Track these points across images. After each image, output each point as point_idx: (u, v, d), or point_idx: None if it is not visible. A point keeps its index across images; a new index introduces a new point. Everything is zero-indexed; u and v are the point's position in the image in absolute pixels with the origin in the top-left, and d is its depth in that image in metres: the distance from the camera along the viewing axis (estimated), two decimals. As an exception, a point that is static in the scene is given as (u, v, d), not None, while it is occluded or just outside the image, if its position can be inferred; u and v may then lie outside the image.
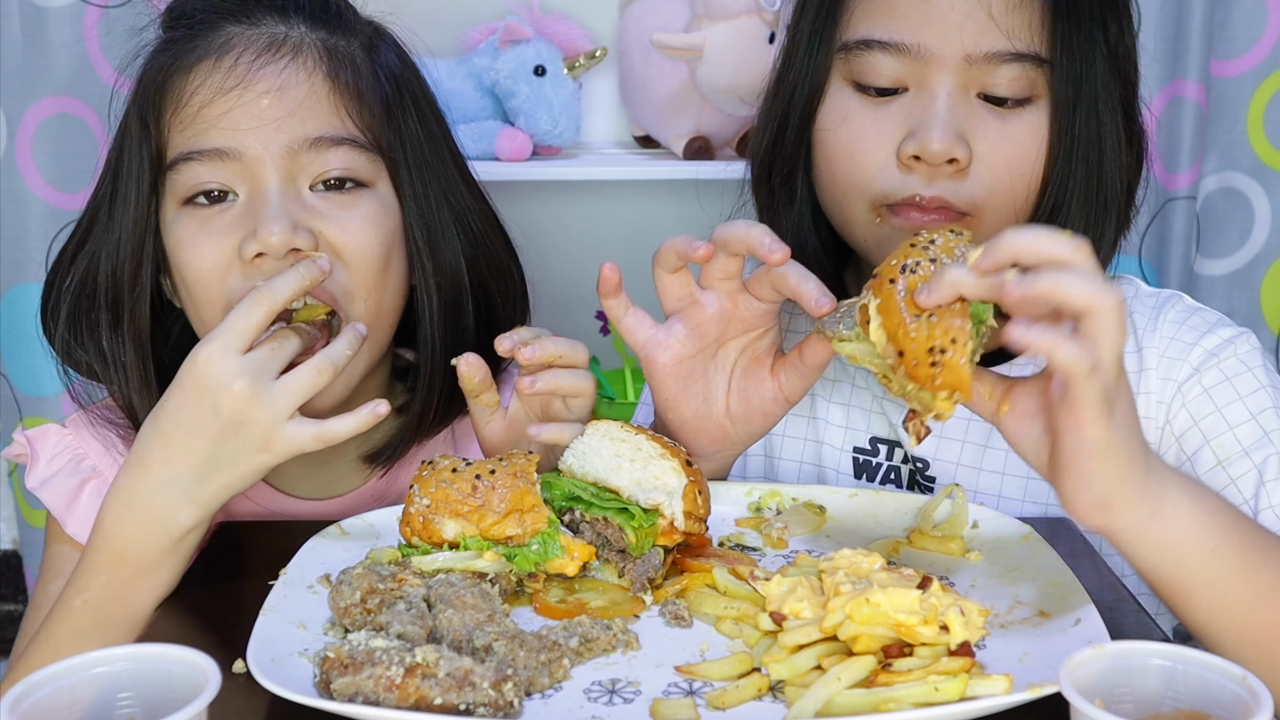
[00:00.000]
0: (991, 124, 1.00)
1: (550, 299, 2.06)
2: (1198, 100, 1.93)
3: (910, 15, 0.99)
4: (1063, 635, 0.79)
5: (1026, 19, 0.98)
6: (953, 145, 0.98)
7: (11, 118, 1.87)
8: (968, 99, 1.00)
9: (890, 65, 1.01)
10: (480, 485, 0.88)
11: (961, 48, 0.98)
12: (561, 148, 1.84)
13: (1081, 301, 0.72)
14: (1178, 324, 1.08)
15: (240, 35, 1.02)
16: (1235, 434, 1.02)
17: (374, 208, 1.05)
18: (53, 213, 1.89)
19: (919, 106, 1.00)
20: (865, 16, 1.02)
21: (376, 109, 1.05)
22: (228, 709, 0.71)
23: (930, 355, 0.78)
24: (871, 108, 1.02)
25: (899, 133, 1.01)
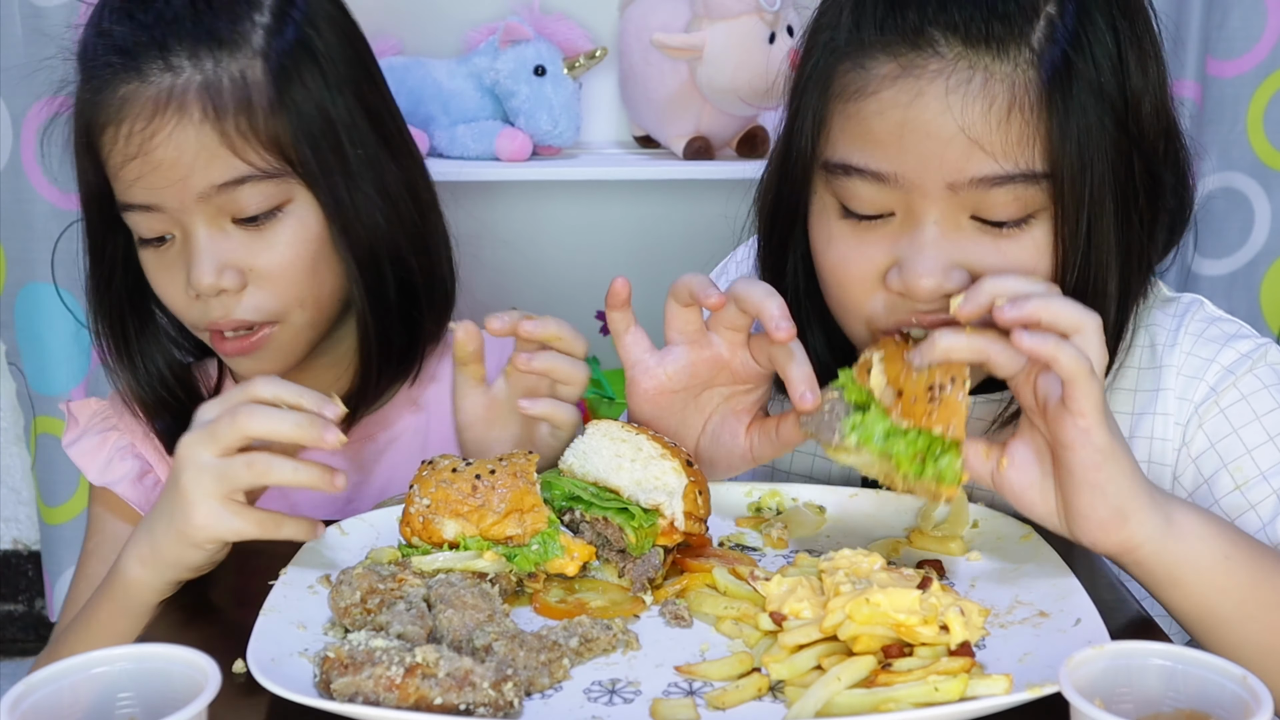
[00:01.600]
0: (989, 248, 0.91)
1: (550, 298, 2.06)
2: (1196, 100, 1.93)
3: (886, 141, 0.89)
4: (1063, 635, 0.79)
5: (1016, 134, 0.87)
6: (942, 280, 0.90)
7: (16, 118, 1.87)
8: (958, 224, 0.91)
9: (872, 192, 0.91)
10: (480, 485, 0.88)
11: (943, 176, 0.88)
12: (561, 148, 1.84)
13: (1070, 320, 0.77)
14: (1196, 337, 1.03)
15: (132, 96, 1.04)
16: (1253, 457, 0.98)
17: (292, 228, 1.09)
18: (57, 213, 1.89)
19: (905, 236, 0.91)
20: (843, 137, 0.92)
21: (273, 128, 1.06)
22: (228, 709, 0.71)
23: (929, 392, 0.81)
24: (857, 233, 0.94)
25: (886, 260, 0.93)
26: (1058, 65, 0.88)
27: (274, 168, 1.06)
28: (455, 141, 1.82)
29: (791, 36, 1.75)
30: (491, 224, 2.05)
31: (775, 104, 1.76)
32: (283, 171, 1.07)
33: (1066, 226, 0.90)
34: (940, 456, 0.82)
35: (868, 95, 0.90)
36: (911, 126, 0.88)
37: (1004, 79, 0.87)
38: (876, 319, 0.95)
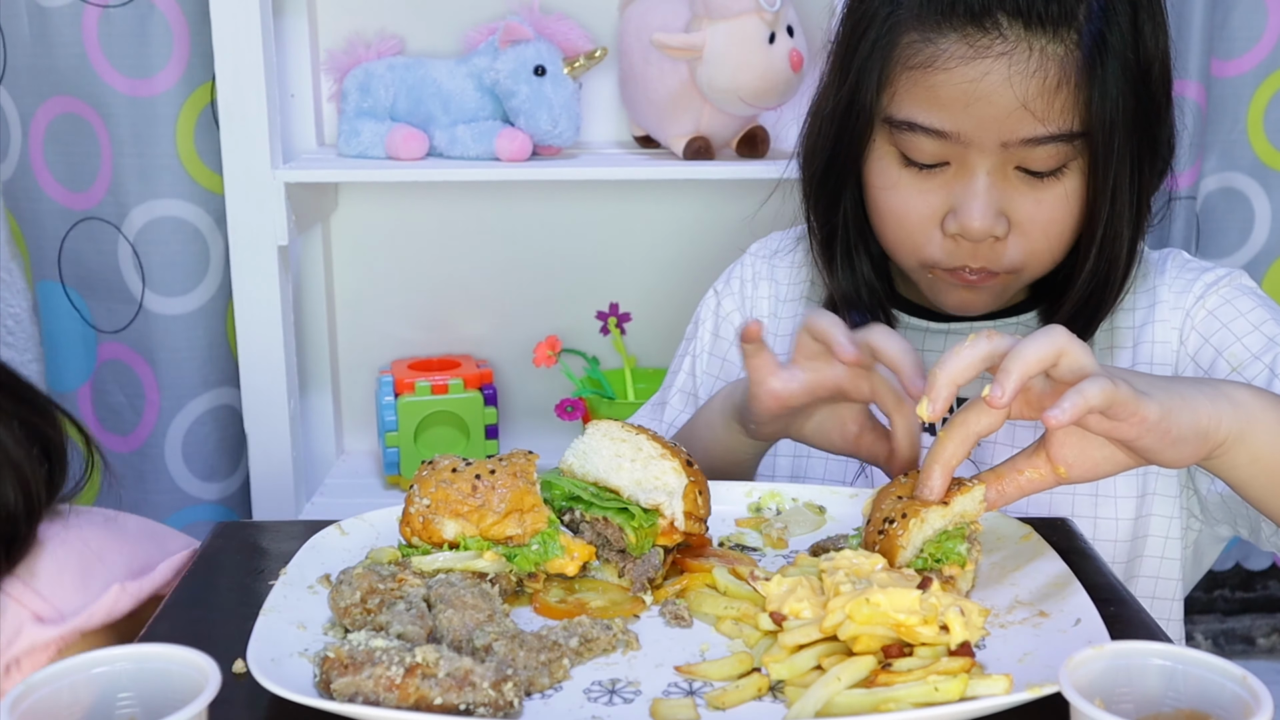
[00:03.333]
0: (1028, 195, 1.05)
1: (550, 298, 2.07)
2: (1198, 100, 1.93)
3: (951, 106, 1.02)
4: (1063, 635, 0.79)
5: (1061, 101, 1.01)
6: (992, 224, 1.04)
7: (24, 118, 1.88)
8: (1005, 174, 1.05)
9: (932, 145, 1.04)
10: (480, 485, 0.88)
11: (999, 136, 1.02)
12: (561, 148, 1.84)
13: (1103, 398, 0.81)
14: (1180, 267, 1.19)
15: None
16: (1243, 343, 1.11)
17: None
18: (64, 212, 1.90)
19: (960, 184, 1.05)
20: (909, 98, 1.05)
21: None
22: (228, 709, 0.71)
23: (882, 525, 0.87)
24: (917, 179, 1.07)
25: (943, 206, 1.06)
26: (1096, 41, 1.01)
27: None
28: (455, 141, 1.82)
29: (791, 37, 1.75)
30: (491, 224, 2.05)
31: (776, 104, 1.77)
32: None
33: (1096, 178, 1.04)
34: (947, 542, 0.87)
35: (938, 68, 1.02)
36: (976, 96, 1.01)
37: (1055, 58, 1.01)
38: (935, 260, 1.09)
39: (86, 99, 1.83)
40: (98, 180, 1.86)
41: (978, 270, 1.08)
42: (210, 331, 1.91)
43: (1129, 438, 0.84)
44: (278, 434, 1.82)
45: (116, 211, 1.86)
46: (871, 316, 1.19)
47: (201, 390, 1.92)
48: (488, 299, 2.08)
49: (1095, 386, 0.80)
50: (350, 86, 1.87)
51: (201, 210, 1.86)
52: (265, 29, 1.70)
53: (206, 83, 1.81)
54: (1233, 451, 0.88)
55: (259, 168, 1.73)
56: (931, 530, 0.86)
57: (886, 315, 1.20)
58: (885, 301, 1.20)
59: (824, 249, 1.19)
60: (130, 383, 1.93)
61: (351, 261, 2.06)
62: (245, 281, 1.77)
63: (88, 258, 1.90)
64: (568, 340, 2.00)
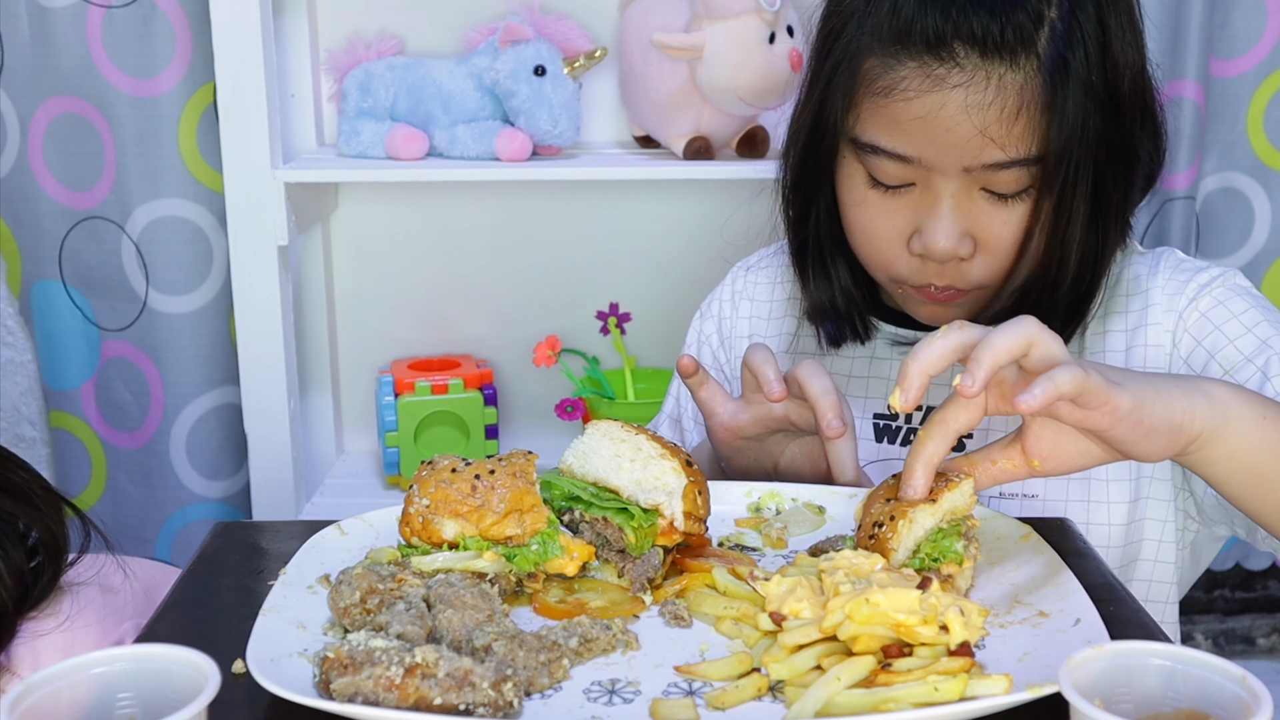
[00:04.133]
0: (993, 215, 1.05)
1: (551, 299, 2.07)
2: (1197, 100, 1.93)
3: (911, 132, 1.02)
4: (1063, 635, 0.79)
5: (1020, 129, 1.01)
6: (956, 245, 1.05)
7: (24, 118, 1.88)
8: (970, 195, 1.05)
9: (896, 169, 1.05)
10: (480, 485, 0.88)
11: (961, 161, 1.02)
12: (561, 148, 1.84)
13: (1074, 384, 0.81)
14: (1173, 268, 1.17)
15: None
16: (1236, 345, 1.10)
17: None
18: (64, 212, 1.90)
19: (925, 205, 1.06)
20: (872, 121, 1.05)
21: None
22: (228, 709, 0.71)
23: (872, 529, 0.87)
24: (884, 199, 1.08)
25: (909, 226, 1.07)
26: (1058, 65, 1.00)
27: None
28: (455, 141, 1.82)
29: (791, 37, 1.75)
30: (491, 224, 2.05)
31: (776, 104, 1.77)
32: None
33: (1046, 200, 1.04)
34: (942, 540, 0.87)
35: (895, 95, 1.02)
36: (934, 125, 1.01)
37: (1014, 85, 1.00)
38: (903, 277, 1.10)
39: (90, 99, 1.83)
40: (101, 180, 1.87)
41: (944, 289, 1.09)
42: (213, 330, 1.91)
43: (1101, 428, 0.84)
44: (278, 434, 1.82)
45: (120, 211, 1.86)
46: (849, 325, 1.20)
47: (205, 389, 1.92)
48: (488, 299, 2.08)
49: (1066, 374, 0.80)
50: (350, 86, 1.87)
51: (205, 210, 1.87)
52: (265, 29, 1.70)
53: (209, 83, 1.81)
54: (1208, 447, 0.88)
55: (259, 168, 1.73)
56: (922, 530, 0.86)
57: (864, 324, 1.20)
58: (864, 310, 1.20)
59: (798, 258, 1.20)
60: (135, 380, 1.93)
61: (351, 261, 2.06)
62: (245, 281, 1.77)
63: (90, 257, 1.90)
64: (568, 340, 2.00)
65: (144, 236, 1.87)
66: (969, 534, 0.88)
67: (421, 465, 0.91)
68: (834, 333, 1.20)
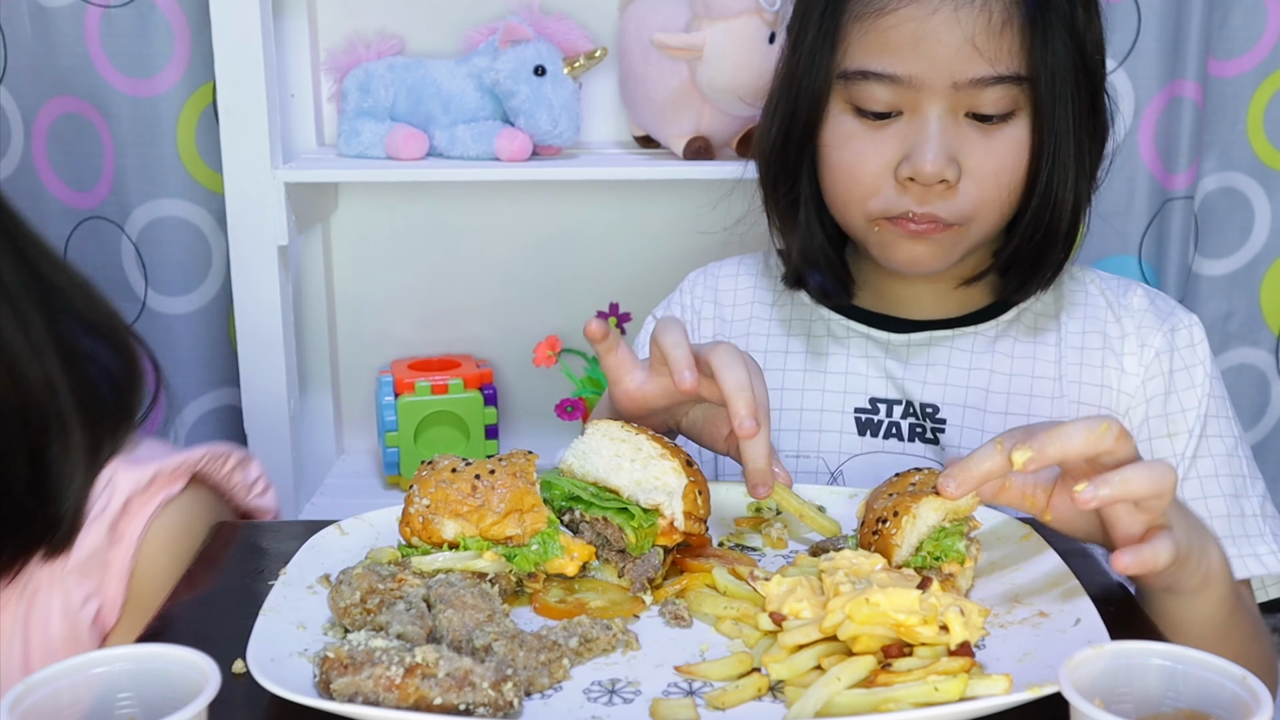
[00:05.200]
0: (979, 141, 1.09)
1: (550, 298, 2.06)
2: (1196, 100, 1.92)
3: (902, 49, 1.06)
4: (1063, 635, 0.79)
5: (1008, 43, 1.06)
6: (944, 167, 1.07)
7: (27, 117, 1.88)
8: (956, 120, 1.08)
9: (885, 93, 1.08)
10: (480, 485, 0.88)
11: (950, 76, 1.06)
12: (561, 148, 1.84)
13: (1148, 490, 0.81)
14: (1149, 299, 1.22)
15: None
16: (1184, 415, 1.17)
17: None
18: (67, 211, 1.90)
19: (913, 130, 1.08)
20: (860, 48, 1.09)
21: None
22: (228, 709, 0.71)
23: (875, 525, 0.87)
24: (870, 131, 1.10)
25: (895, 155, 1.09)
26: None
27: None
28: (455, 141, 1.82)
29: (791, 36, 1.75)
30: (491, 224, 2.05)
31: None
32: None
33: (1042, 122, 1.08)
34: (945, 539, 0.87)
35: (886, 13, 1.07)
36: (925, 36, 1.06)
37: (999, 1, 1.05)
38: (884, 209, 1.11)
39: (88, 99, 1.83)
40: (100, 180, 1.87)
41: (923, 217, 1.09)
42: (213, 331, 1.91)
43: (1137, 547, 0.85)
44: (278, 434, 1.82)
45: (119, 211, 1.86)
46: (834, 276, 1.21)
47: (205, 390, 1.92)
48: (488, 299, 2.08)
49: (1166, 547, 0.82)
50: (350, 86, 1.87)
51: (204, 210, 1.87)
52: (265, 29, 1.70)
53: (208, 83, 1.80)
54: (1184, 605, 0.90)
55: (259, 168, 1.73)
56: (925, 526, 0.86)
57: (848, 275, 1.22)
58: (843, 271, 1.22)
59: (784, 221, 1.21)
60: (135, 381, 1.93)
61: (351, 261, 2.06)
62: (245, 282, 1.77)
63: (91, 257, 1.90)
64: (568, 340, 2.00)
65: (143, 237, 1.86)
66: (970, 534, 0.88)
67: (421, 465, 0.91)
68: (820, 284, 1.21)
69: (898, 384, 1.21)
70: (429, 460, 0.91)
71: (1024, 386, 1.19)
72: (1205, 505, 1.14)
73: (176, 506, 1.04)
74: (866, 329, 1.23)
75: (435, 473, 0.89)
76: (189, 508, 1.05)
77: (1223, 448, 1.17)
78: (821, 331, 1.25)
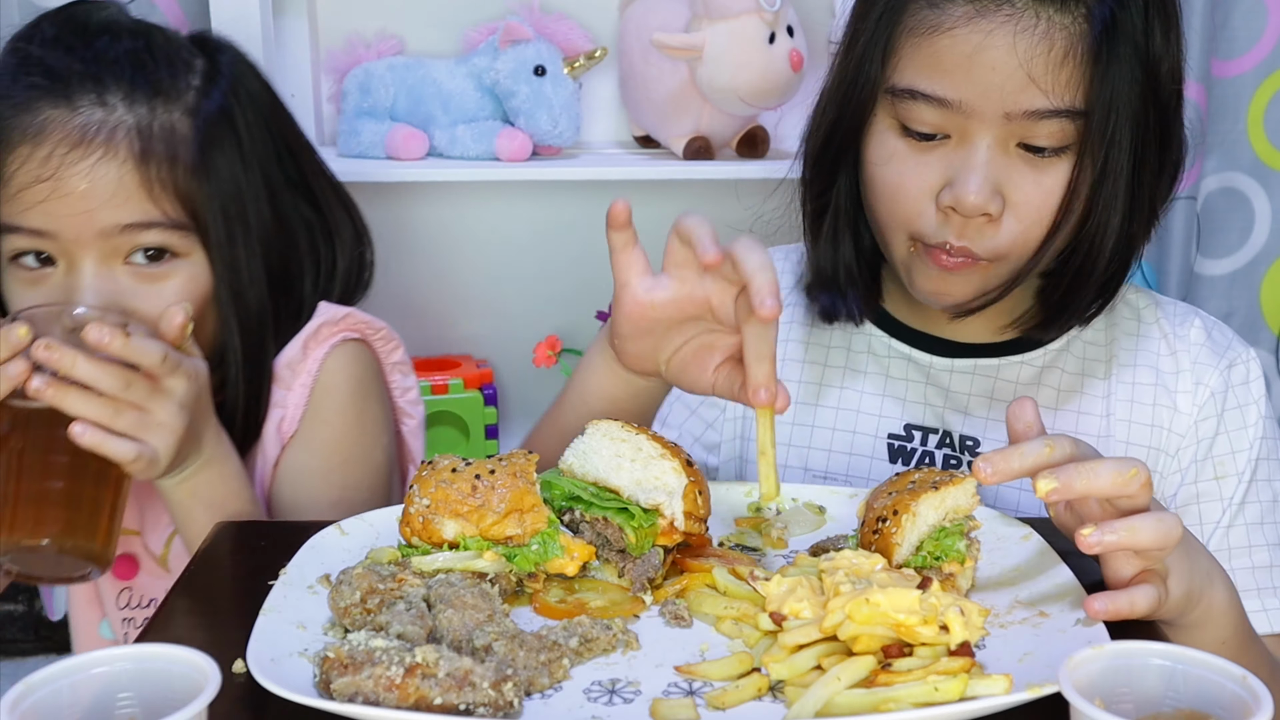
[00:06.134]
0: (1028, 175, 1.03)
1: (551, 299, 2.06)
2: (1198, 100, 1.92)
3: (954, 71, 1.01)
4: (1063, 635, 0.79)
5: (1067, 75, 1.00)
6: (988, 200, 1.02)
7: None
8: (1006, 150, 1.03)
9: (934, 115, 1.03)
10: (480, 485, 0.88)
11: (1002, 106, 1.00)
12: (561, 148, 1.84)
13: (1152, 543, 0.80)
14: (1206, 331, 1.18)
15: (56, 120, 1.06)
16: (1234, 458, 1.14)
17: (184, 280, 1.10)
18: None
19: (959, 156, 1.03)
20: (911, 65, 1.04)
21: (190, 185, 1.09)
22: (228, 709, 0.71)
23: (876, 524, 0.87)
24: (915, 152, 1.05)
25: (939, 180, 1.04)
26: (1107, 21, 1.00)
27: (182, 221, 1.08)
28: (455, 141, 1.82)
29: (791, 37, 1.75)
30: (491, 224, 2.05)
31: (776, 104, 1.77)
32: (187, 226, 1.09)
33: (1089, 159, 1.02)
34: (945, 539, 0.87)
35: (942, 31, 1.02)
36: (980, 60, 1.00)
37: (1063, 29, 1.00)
38: (922, 234, 1.06)
39: None
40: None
41: (958, 251, 1.04)
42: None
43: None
44: (278, 434, 1.82)
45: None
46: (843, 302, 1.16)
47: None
48: (488, 299, 2.08)
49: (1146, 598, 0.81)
50: (350, 86, 1.87)
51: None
52: (265, 29, 1.70)
53: (207, 83, 1.80)
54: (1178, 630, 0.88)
55: (259, 168, 1.72)
56: (926, 525, 0.86)
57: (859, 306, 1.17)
58: (862, 293, 1.17)
59: (813, 226, 1.17)
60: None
61: (352, 261, 2.05)
62: (245, 281, 1.77)
63: None
64: (568, 340, 2.00)
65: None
66: (971, 535, 0.88)
67: (422, 465, 0.91)
68: (829, 306, 1.17)
69: (937, 412, 1.17)
70: (429, 460, 0.91)
71: (1070, 424, 1.15)
72: (1249, 555, 1.11)
73: (355, 346, 1.22)
74: (908, 350, 1.19)
75: (435, 473, 0.89)
76: (362, 351, 1.23)
77: (1270, 493, 1.13)
78: (862, 347, 1.21)
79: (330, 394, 1.19)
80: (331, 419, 1.19)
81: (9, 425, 0.95)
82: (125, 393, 0.96)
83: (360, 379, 1.22)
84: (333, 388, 1.19)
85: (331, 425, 1.19)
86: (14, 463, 0.95)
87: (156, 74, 1.09)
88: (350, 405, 1.21)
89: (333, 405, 1.19)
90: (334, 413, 1.19)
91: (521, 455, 0.91)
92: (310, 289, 1.22)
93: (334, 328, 1.20)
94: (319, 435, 1.19)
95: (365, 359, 1.24)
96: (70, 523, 0.94)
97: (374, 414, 1.23)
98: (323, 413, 1.18)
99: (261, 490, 1.18)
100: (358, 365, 1.22)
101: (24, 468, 0.95)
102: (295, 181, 1.20)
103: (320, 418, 1.19)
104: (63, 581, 1.00)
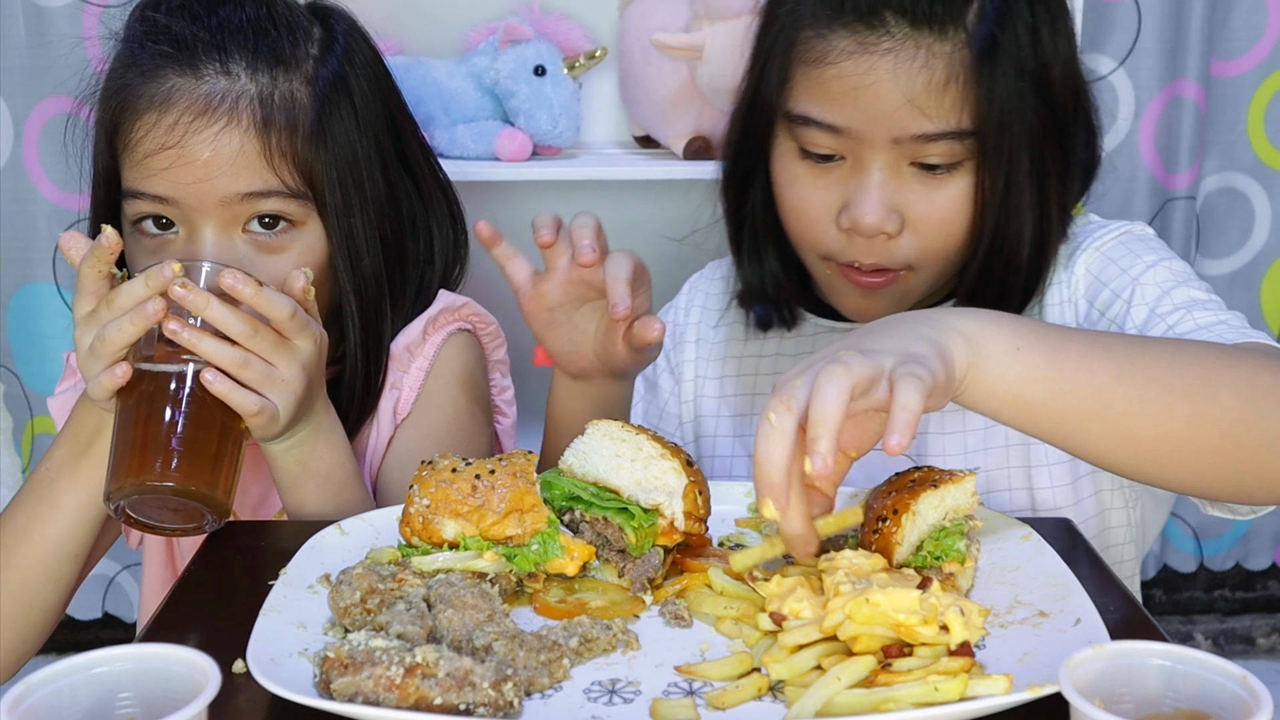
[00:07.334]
0: (921, 193, 1.06)
1: (550, 299, 2.06)
2: (1197, 100, 1.93)
3: (842, 100, 1.04)
4: (1063, 635, 0.79)
5: (951, 99, 1.02)
6: (883, 220, 1.05)
7: (17, 118, 1.88)
8: (899, 171, 1.06)
9: (827, 139, 1.06)
10: (480, 485, 0.88)
11: (890, 132, 1.03)
12: (561, 148, 1.84)
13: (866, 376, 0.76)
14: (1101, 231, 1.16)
15: (182, 89, 1.07)
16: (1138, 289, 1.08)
17: (302, 250, 1.12)
18: (59, 213, 1.90)
19: (854, 179, 1.06)
20: (805, 93, 1.07)
21: (308, 153, 1.10)
22: (228, 709, 0.71)
23: (876, 524, 0.86)
24: (815, 174, 1.09)
25: (838, 201, 1.08)
26: (986, 43, 1.02)
27: (300, 189, 1.10)
28: (455, 141, 1.82)
29: (791, 36, 1.75)
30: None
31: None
32: (305, 195, 1.10)
33: (988, 177, 1.05)
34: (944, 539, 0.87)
35: (827, 63, 1.04)
36: (864, 92, 1.03)
37: (943, 56, 1.02)
38: (831, 254, 1.10)
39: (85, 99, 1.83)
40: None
41: (870, 268, 1.08)
42: (212, 331, 1.91)
43: None
44: (278, 434, 1.82)
45: (114, 211, 1.86)
46: (776, 311, 1.21)
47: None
48: (488, 299, 2.07)
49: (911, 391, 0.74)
50: (350, 86, 1.87)
51: (202, 210, 1.87)
52: (265, 29, 1.70)
53: (207, 83, 1.81)
54: (970, 389, 0.82)
55: (259, 168, 1.72)
56: (925, 524, 0.86)
57: (791, 311, 1.22)
58: (791, 298, 1.21)
59: (734, 241, 1.21)
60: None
61: (351, 261, 2.05)
62: (245, 281, 1.77)
63: None
64: (568, 340, 1.99)
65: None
66: (971, 534, 0.88)
67: (422, 465, 0.91)
68: (763, 315, 1.21)
69: None
70: (429, 460, 0.91)
71: None
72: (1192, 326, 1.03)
73: (467, 336, 1.27)
74: (817, 319, 1.22)
75: (435, 473, 0.89)
76: (473, 343, 1.28)
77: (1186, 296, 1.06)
78: (806, 348, 1.23)
79: (444, 380, 1.22)
80: (445, 404, 1.22)
81: (138, 374, 0.97)
82: (252, 341, 0.97)
83: (471, 370, 1.25)
84: (447, 374, 1.23)
85: (444, 410, 1.22)
86: (141, 409, 0.97)
87: (278, 42, 1.10)
88: (461, 393, 1.24)
89: (446, 391, 1.22)
90: (447, 398, 1.22)
91: (521, 455, 0.91)
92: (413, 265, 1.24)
93: (452, 315, 1.25)
94: (431, 419, 1.21)
95: (476, 351, 1.27)
96: (194, 468, 0.96)
97: (481, 405, 1.27)
98: (436, 397, 1.21)
99: (370, 470, 1.20)
100: (469, 355, 1.25)
101: (152, 414, 0.96)
102: (399, 154, 1.22)
103: (434, 402, 1.21)
104: (179, 532, 1.00)
